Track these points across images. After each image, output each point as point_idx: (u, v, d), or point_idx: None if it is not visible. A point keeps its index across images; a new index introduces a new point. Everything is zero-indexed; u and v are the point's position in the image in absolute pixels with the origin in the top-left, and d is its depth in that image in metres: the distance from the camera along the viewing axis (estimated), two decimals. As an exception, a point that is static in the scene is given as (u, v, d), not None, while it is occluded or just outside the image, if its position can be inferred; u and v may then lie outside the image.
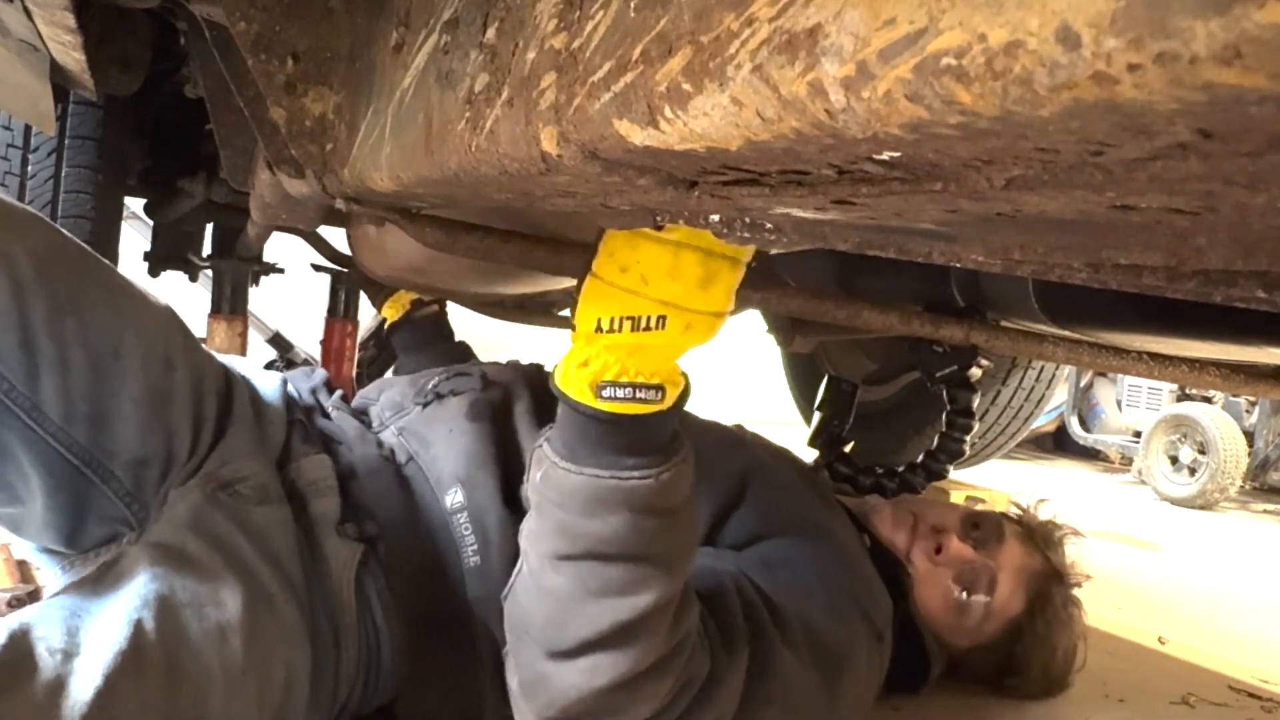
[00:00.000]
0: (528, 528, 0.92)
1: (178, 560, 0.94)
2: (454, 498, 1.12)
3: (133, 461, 1.00)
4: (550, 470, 0.87)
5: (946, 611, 1.33)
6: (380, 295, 1.88)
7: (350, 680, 1.05)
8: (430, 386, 1.33)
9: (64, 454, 0.97)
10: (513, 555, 1.01)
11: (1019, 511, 1.55)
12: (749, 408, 4.32)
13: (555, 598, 0.88)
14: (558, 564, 0.88)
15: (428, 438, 1.22)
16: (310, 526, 1.07)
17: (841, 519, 1.33)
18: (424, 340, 1.82)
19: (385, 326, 1.89)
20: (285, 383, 1.25)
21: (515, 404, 1.27)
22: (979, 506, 1.60)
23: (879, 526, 1.40)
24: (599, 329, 0.80)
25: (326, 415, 1.30)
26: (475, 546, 1.09)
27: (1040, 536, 1.47)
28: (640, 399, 0.81)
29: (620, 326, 0.79)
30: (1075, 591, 1.46)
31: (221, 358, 1.19)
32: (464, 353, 1.83)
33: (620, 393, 0.81)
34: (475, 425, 1.21)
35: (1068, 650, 1.46)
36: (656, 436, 0.85)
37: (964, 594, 1.32)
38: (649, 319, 0.78)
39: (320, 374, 1.39)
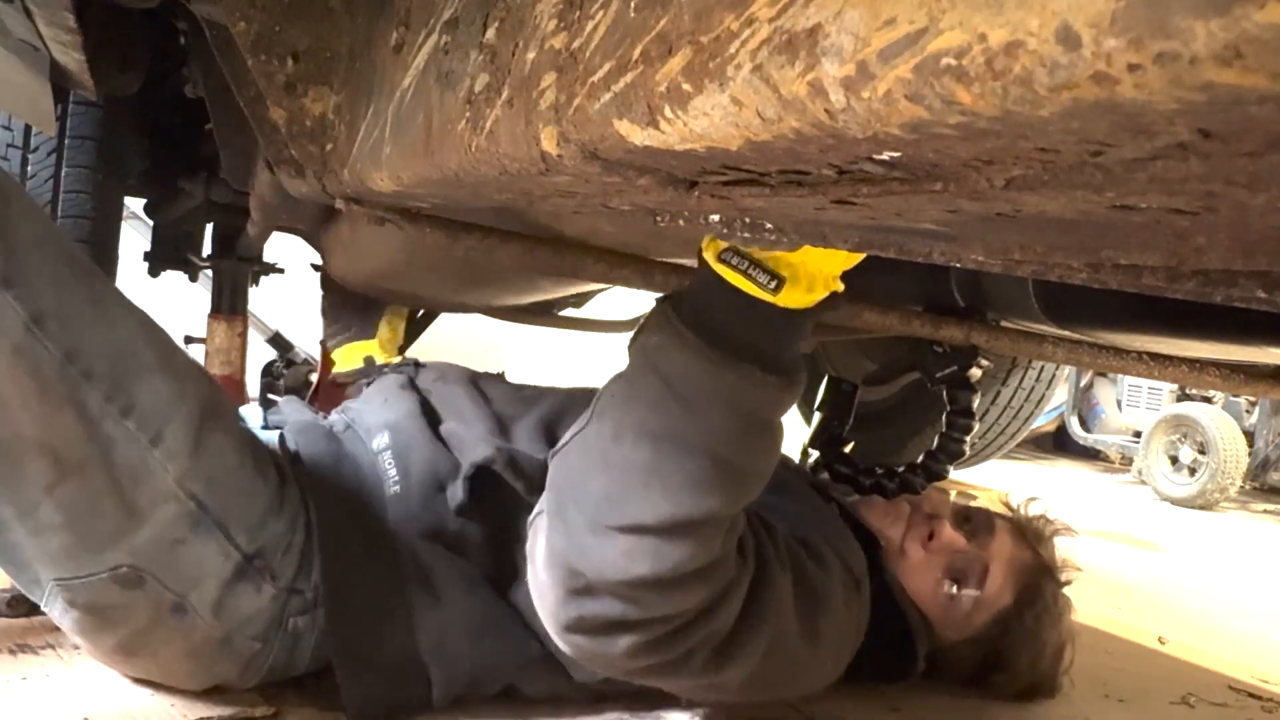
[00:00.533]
0: (616, 389, 0.90)
1: None
2: (381, 440, 1.22)
3: None
4: (670, 339, 0.85)
5: (935, 602, 1.32)
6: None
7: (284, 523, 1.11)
8: (373, 377, 1.48)
9: None
10: (430, 485, 1.16)
11: (1010, 508, 1.54)
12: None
13: (622, 470, 0.87)
14: (639, 437, 0.86)
15: (364, 409, 1.33)
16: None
17: (808, 487, 1.36)
18: None
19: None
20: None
21: (446, 381, 1.37)
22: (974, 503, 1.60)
23: (869, 515, 1.39)
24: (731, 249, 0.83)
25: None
26: (396, 478, 1.17)
27: (1031, 531, 1.46)
28: (753, 278, 0.82)
29: (749, 256, 0.82)
30: (1068, 591, 1.44)
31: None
32: None
33: (737, 261, 0.82)
34: (407, 392, 1.32)
35: (1057, 647, 1.43)
36: (774, 337, 0.86)
37: (954, 586, 1.31)
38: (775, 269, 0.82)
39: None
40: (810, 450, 1.66)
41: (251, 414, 1.31)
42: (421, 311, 2.64)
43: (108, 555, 1.00)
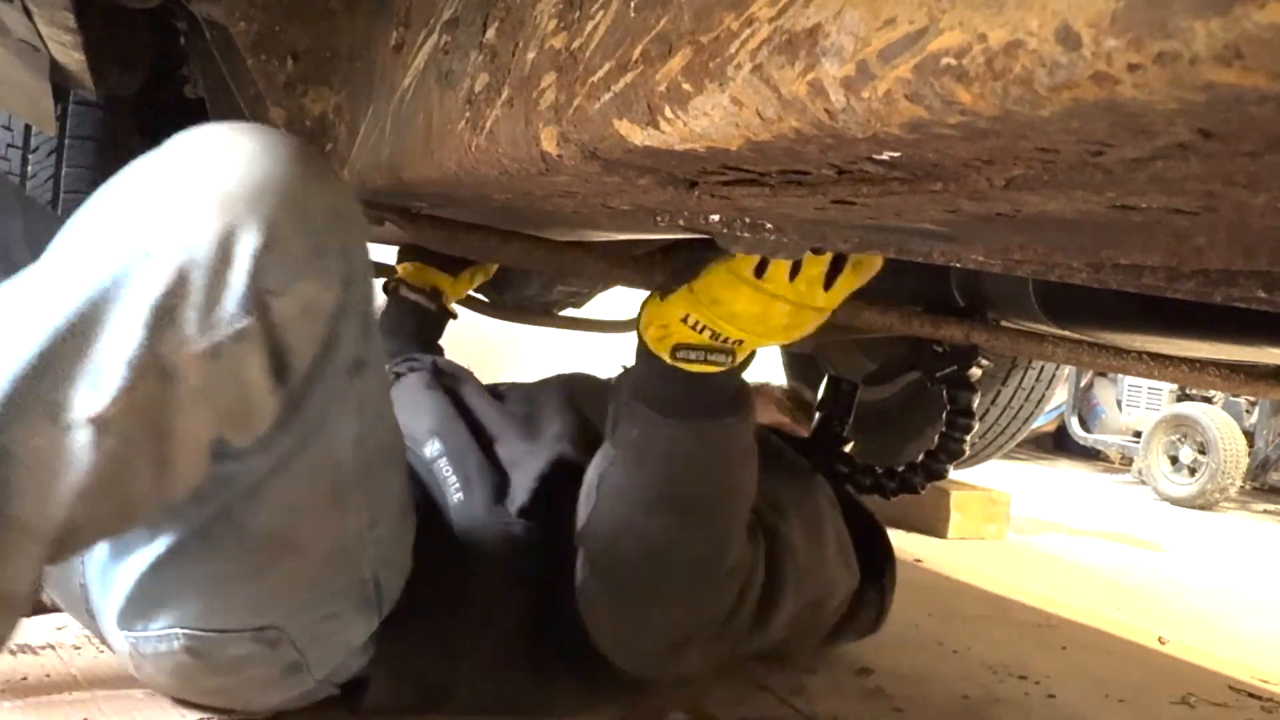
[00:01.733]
0: (615, 481, 1.00)
1: None
2: (432, 447, 1.18)
3: None
4: (652, 426, 0.97)
5: None
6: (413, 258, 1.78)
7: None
8: (390, 370, 1.40)
9: None
10: (491, 492, 1.13)
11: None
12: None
13: (650, 538, 1.00)
14: (653, 508, 0.99)
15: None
16: None
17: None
18: (411, 329, 1.74)
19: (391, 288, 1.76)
20: None
21: (465, 382, 1.36)
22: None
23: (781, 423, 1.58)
24: (684, 320, 0.91)
25: None
26: (458, 484, 1.14)
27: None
28: (712, 361, 0.94)
29: (702, 330, 0.91)
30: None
31: None
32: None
33: (688, 355, 0.94)
34: (435, 393, 1.29)
35: None
36: (728, 389, 0.97)
37: None
38: (728, 340, 0.92)
39: None
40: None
41: None
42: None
43: (267, 616, 0.94)
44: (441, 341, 1.81)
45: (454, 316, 1.79)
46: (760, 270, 0.87)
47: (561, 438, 1.20)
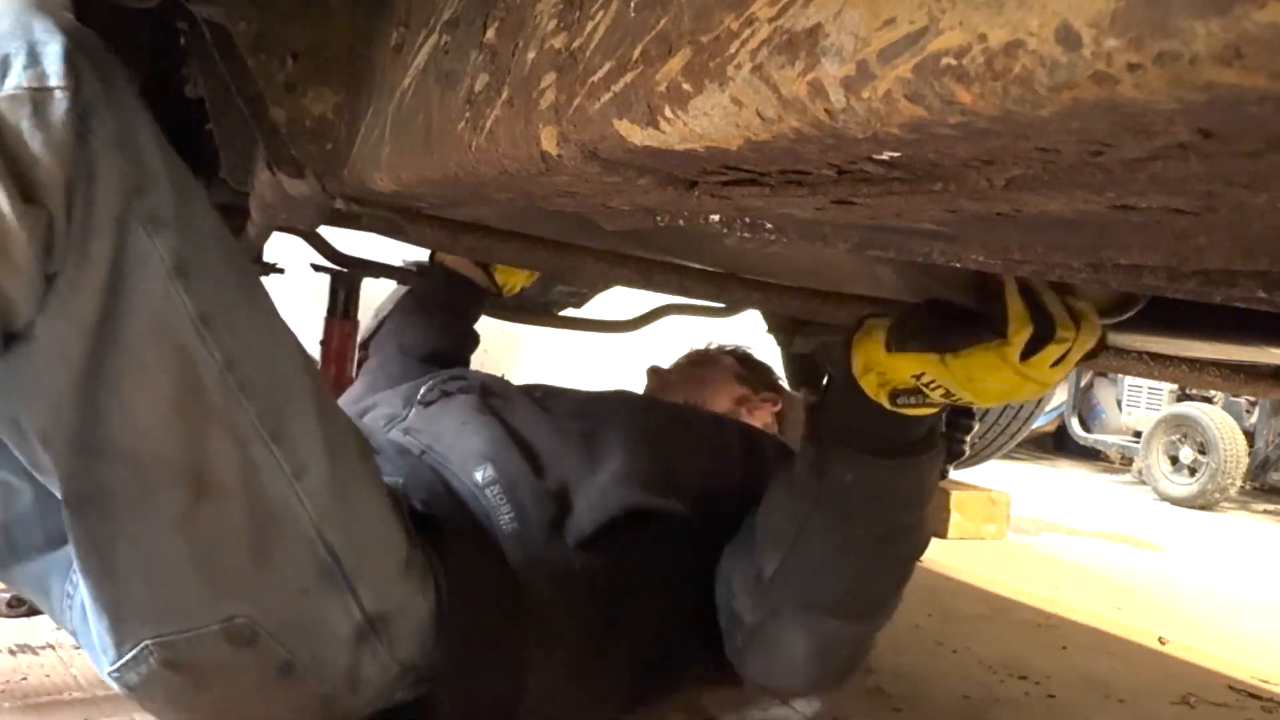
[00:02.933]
0: (820, 526, 1.04)
1: None
2: (484, 473, 1.13)
3: None
4: (864, 470, 1.01)
5: None
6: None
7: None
8: (427, 389, 1.33)
9: None
10: (547, 522, 1.10)
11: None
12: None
13: (861, 574, 1.07)
14: (864, 547, 1.05)
15: (438, 431, 1.22)
16: None
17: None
18: (449, 304, 1.69)
19: (432, 265, 1.74)
20: None
21: (514, 400, 1.30)
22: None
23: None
24: (917, 377, 0.93)
25: None
26: (511, 514, 1.09)
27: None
28: (929, 402, 0.96)
29: (934, 389, 0.92)
30: None
31: None
32: (464, 343, 1.74)
33: (907, 400, 0.96)
34: (487, 417, 1.22)
35: None
36: (932, 424, 1.03)
37: None
38: (954, 395, 0.93)
39: None
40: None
41: None
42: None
43: (225, 604, 0.88)
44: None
45: (499, 294, 1.72)
46: (1026, 353, 0.87)
47: (631, 479, 1.17)
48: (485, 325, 2.34)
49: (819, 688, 1.22)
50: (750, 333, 2.34)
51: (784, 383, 1.67)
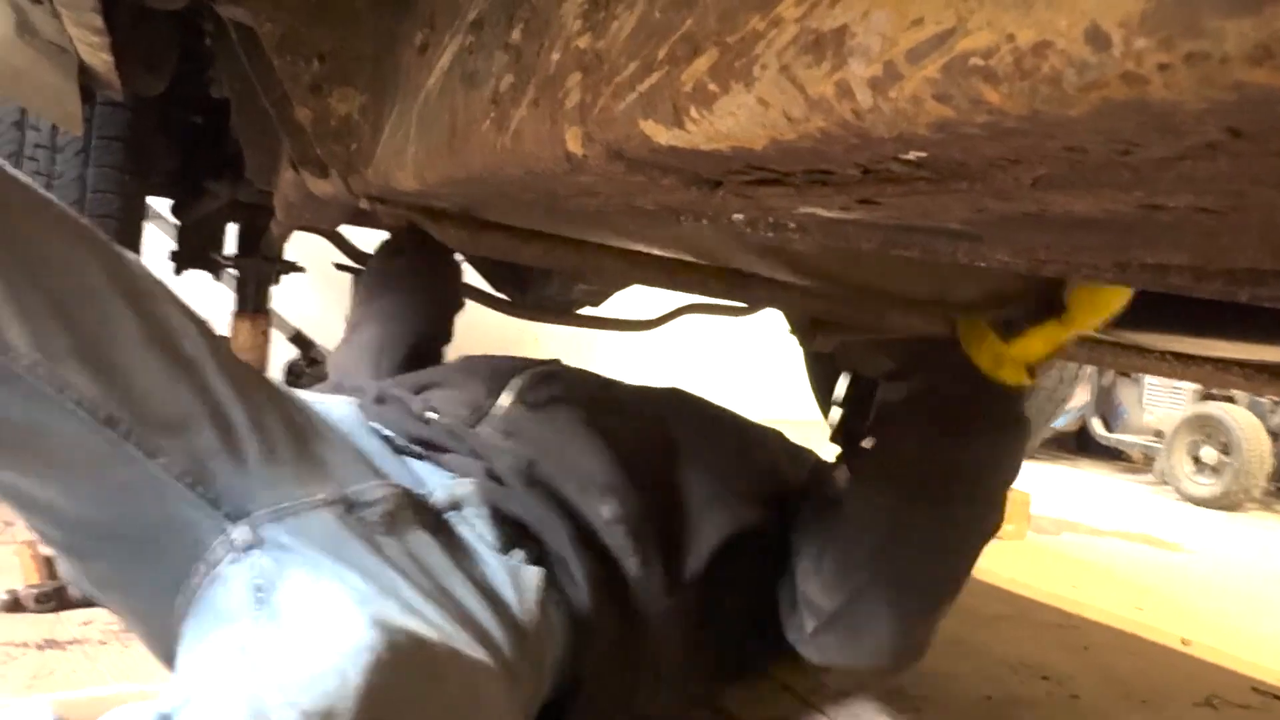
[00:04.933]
0: (926, 506, 1.08)
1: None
2: (611, 509, 1.03)
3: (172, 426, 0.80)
4: (997, 445, 1.09)
5: None
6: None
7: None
8: (531, 386, 1.19)
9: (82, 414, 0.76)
10: (666, 562, 1.06)
11: None
12: (770, 405, 4.31)
13: (953, 551, 1.11)
14: (971, 523, 1.10)
15: (543, 440, 1.10)
16: (462, 556, 0.92)
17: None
18: (411, 280, 1.49)
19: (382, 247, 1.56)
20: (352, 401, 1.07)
21: (615, 415, 1.18)
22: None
23: None
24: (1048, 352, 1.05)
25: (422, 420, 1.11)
26: (638, 559, 1.03)
27: None
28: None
29: (1054, 351, 1.04)
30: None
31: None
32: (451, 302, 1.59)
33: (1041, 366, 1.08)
34: (594, 432, 1.11)
35: None
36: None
37: None
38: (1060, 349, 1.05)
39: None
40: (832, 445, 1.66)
41: (471, 496, 0.96)
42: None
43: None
44: (464, 339, 1.77)
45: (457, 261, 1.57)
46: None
47: (727, 501, 1.15)
48: (505, 324, 2.34)
49: (906, 665, 1.21)
50: (770, 333, 2.34)
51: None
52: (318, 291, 3.68)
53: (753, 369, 5.25)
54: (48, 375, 0.75)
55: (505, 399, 1.16)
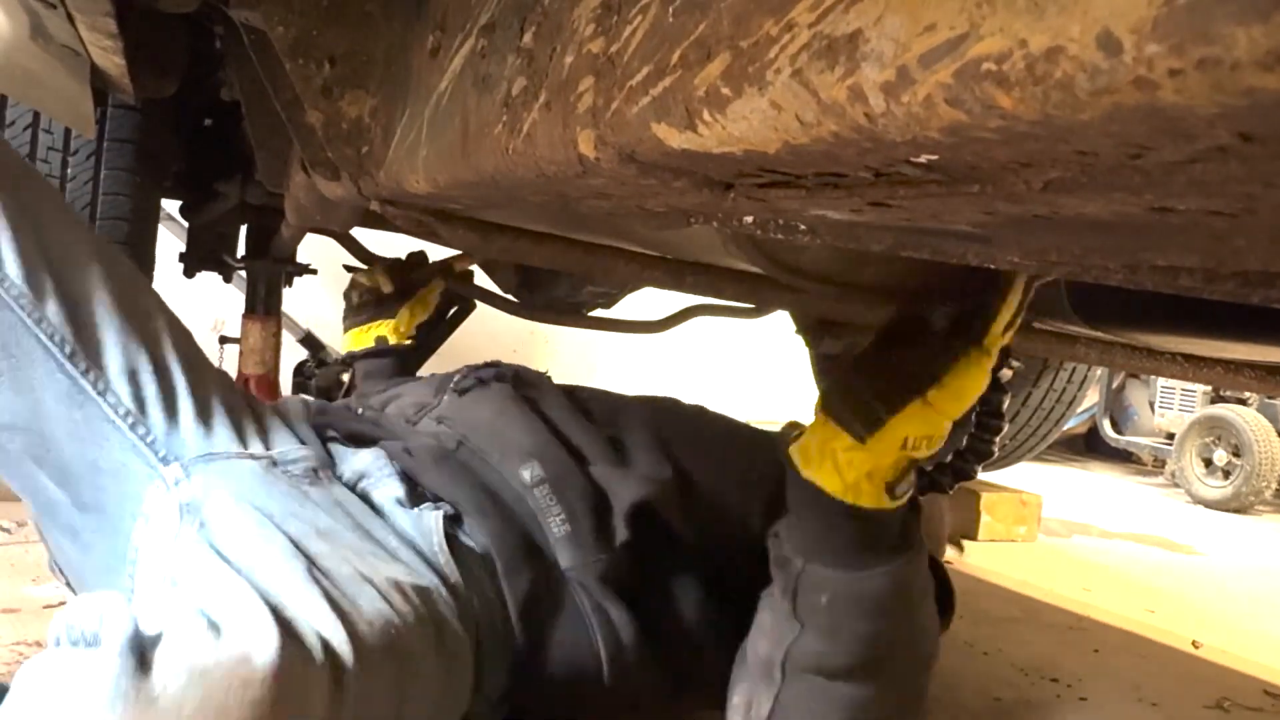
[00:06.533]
0: (807, 653, 0.94)
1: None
2: (532, 471, 1.09)
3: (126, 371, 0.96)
4: (841, 586, 0.91)
5: None
6: (356, 317, 1.76)
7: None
8: (462, 377, 1.31)
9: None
10: (594, 523, 1.06)
11: None
12: (777, 407, 4.31)
13: (856, 704, 0.94)
14: (862, 673, 0.93)
15: (473, 422, 1.19)
16: (376, 511, 1.03)
17: None
18: (386, 374, 1.67)
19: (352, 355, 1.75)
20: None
21: (548, 394, 1.26)
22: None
23: None
24: (904, 447, 0.85)
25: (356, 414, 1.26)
26: (563, 516, 1.06)
27: None
28: (914, 485, 0.90)
29: (920, 445, 0.86)
30: None
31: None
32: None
33: (903, 488, 0.88)
34: (524, 408, 1.19)
35: None
36: (907, 517, 0.94)
37: None
38: (939, 437, 0.87)
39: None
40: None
41: (377, 463, 1.09)
42: (452, 311, 2.65)
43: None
44: (471, 343, 1.80)
45: (412, 349, 1.73)
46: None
47: (648, 481, 1.12)
48: (514, 325, 2.35)
49: None
50: (779, 334, 2.34)
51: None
52: (329, 293, 3.69)
53: (761, 371, 5.25)
54: (30, 307, 0.91)
55: (445, 395, 1.28)
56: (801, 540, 0.93)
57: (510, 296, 2.08)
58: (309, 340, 3.53)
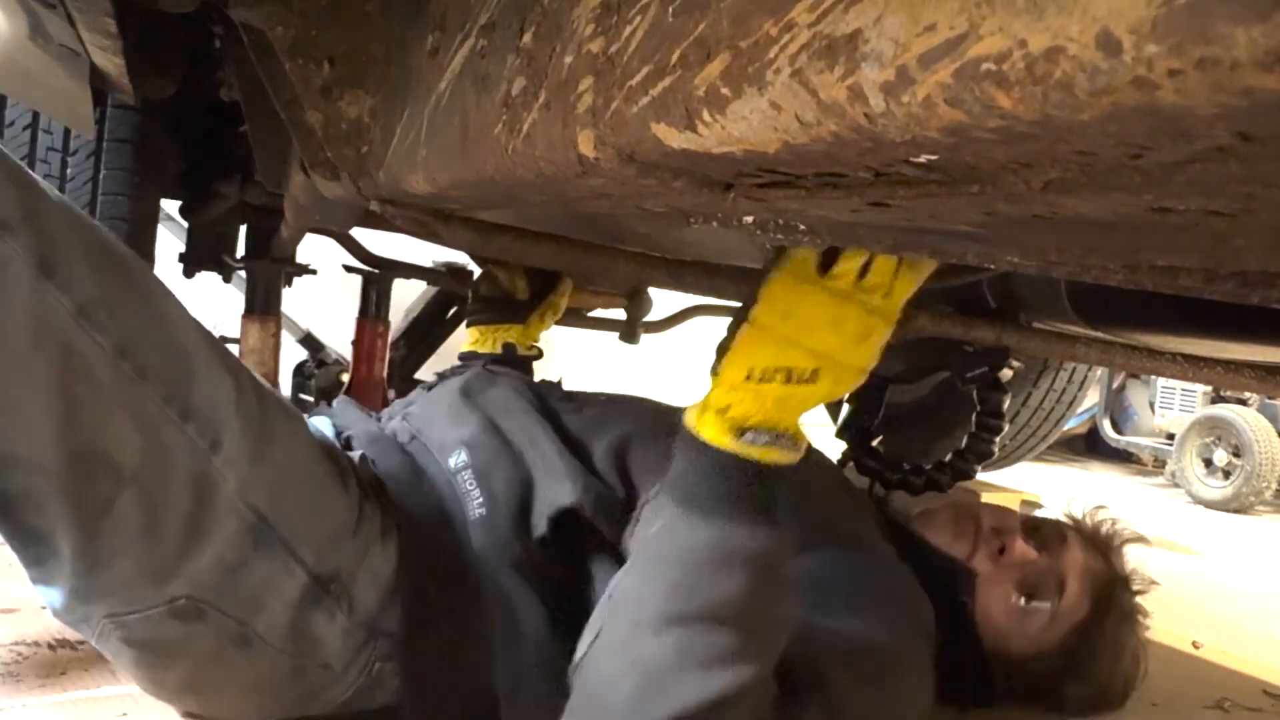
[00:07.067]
0: (625, 588, 0.87)
1: None
2: (457, 458, 1.12)
3: None
4: (673, 523, 0.83)
5: (1008, 617, 1.27)
6: (483, 314, 1.70)
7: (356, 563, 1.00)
8: (436, 373, 1.38)
9: None
10: (514, 512, 1.06)
11: (1076, 517, 1.47)
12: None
13: (652, 665, 0.82)
14: (662, 628, 0.82)
15: (429, 416, 1.24)
16: None
17: (869, 520, 1.30)
18: None
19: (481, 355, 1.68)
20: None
21: (506, 396, 1.26)
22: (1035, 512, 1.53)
23: (933, 533, 1.34)
24: (749, 378, 0.80)
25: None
26: (481, 500, 1.08)
27: (1101, 540, 1.40)
28: (780, 446, 0.81)
29: (772, 378, 0.79)
30: (1140, 600, 1.39)
31: None
32: None
33: (762, 439, 0.80)
34: (471, 399, 1.24)
35: (1134, 653, 1.38)
36: (783, 493, 0.83)
37: (1026, 600, 1.26)
38: (803, 371, 0.79)
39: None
40: (838, 441, 1.66)
41: (322, 424, 1.21)
42: (452, 311, 2.65)
43: (168, 586, 0.89)
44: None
45: (538, 356, 1.70)
46: (824, 270, 0.78)
47: (586, 490, 1.07)
48: (515, 326, 2.34)
49: None
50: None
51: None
52: (328, 294, 3.69)
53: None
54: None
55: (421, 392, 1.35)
56: (671, 475, 0.86)
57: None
58: (309, 340, 3.53)
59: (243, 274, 2.45)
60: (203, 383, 0.89)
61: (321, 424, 1.20)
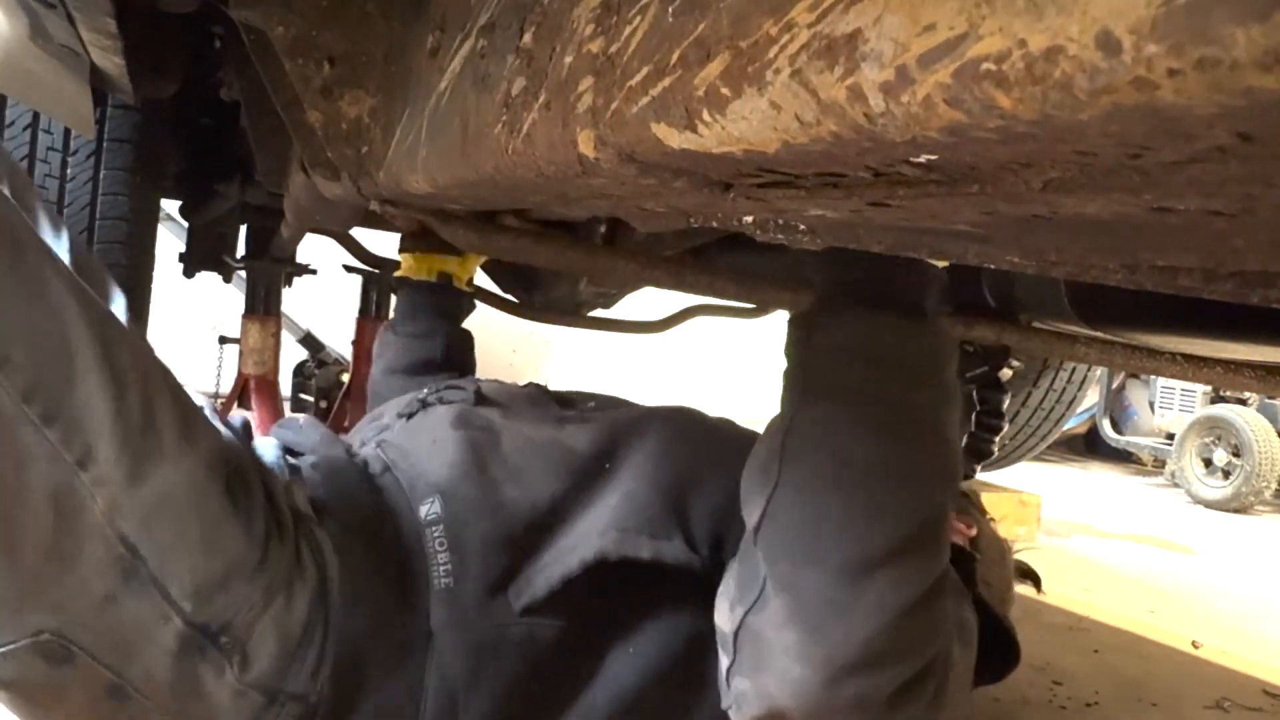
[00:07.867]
0: (808, 421, 0.87)
1: None
2: (430, 508, 0.97)
3: None
4: (856, 336, 0.88)
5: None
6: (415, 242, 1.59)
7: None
8: (409, 401, 1.21)
9: None
10: (489, 581, 0.92)
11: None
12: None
13: (859, 488, 0.81)
14: (864, 449, 0.83)
15: (407, 448, 1.07)
16: None
17: None
18: (430, 310, 1.58)
19: (401, 281, 1.64)
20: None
21: (509, 419, 1.12)
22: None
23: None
24: None
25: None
26: (448, 567, 0.93)
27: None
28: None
29: None
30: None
31: None
32: (463, 348, 1.61)
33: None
34: (461, 434, 1.06)
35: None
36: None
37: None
38: None
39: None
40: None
41: (266, 446, 1.02)
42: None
43: (29, 616, 0.78)
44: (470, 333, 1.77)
45: (471, 296, 1.65)
46: None
47: (625, 522, 0.96)
48: (514, 326, 2.35)
49: (827, 696, 0.83)
50: (779, 334, 2.34)
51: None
52: (328, 293, 3.70)
53: (761, 371, 5.25)
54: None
55: (398, 414, 1.19)
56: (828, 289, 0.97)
57: (510, 296, 2.09)
58: (309, 340, 3.53)
59: (243, 274, 2.45)
60: (81, 388, 0.77)
61: (265, 446, 1.02)
